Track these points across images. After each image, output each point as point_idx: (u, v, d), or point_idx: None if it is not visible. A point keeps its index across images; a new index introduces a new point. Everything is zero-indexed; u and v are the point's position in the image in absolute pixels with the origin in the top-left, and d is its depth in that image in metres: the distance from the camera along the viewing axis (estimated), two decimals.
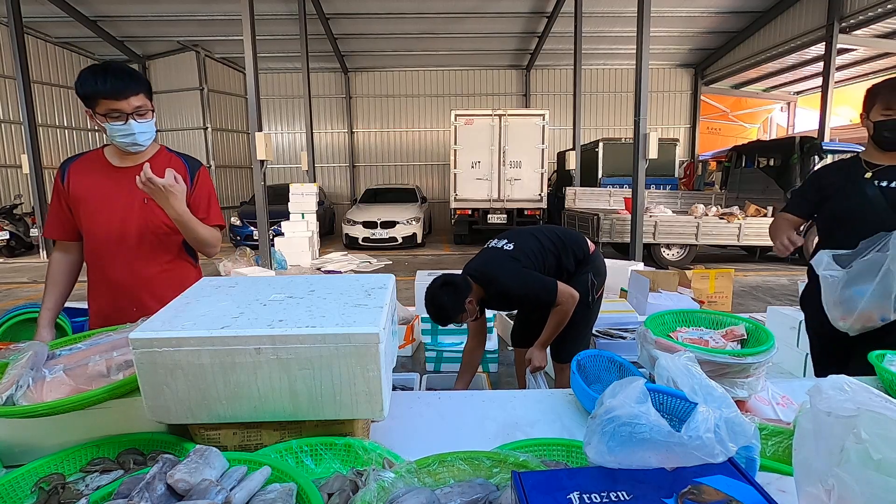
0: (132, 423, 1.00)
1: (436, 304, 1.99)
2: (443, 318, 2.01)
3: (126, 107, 1.55)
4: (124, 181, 1.62)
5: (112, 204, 1.63)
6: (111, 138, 1.59)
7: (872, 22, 9.66)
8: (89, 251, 1.68)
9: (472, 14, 11.75)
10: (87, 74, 1.54)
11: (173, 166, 1.63)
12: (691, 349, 1.12)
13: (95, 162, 1.67)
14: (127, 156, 1.66)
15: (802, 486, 0.70)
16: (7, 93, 11.34)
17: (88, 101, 1.55)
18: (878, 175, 1.72)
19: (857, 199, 1.73)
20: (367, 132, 15.26)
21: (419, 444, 1.03)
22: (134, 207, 1.63)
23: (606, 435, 0.68)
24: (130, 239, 1.64)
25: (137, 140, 1.59)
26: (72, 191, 1.64)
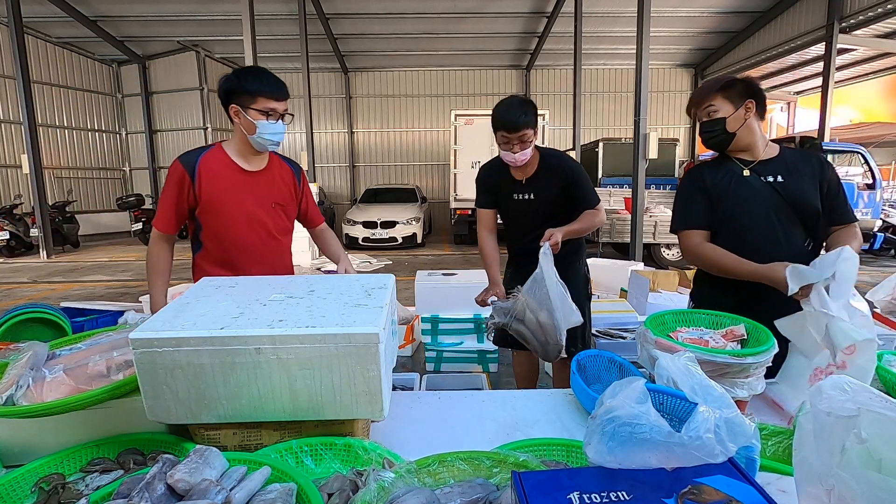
0: (132, 423, 1.00)
1: (515, 102, 1.96)
2: (516, 113, 1.92)
3: (280, 107, 1.64)
4: (255, 185, 1.72)
5: (246, 208, 1.70)
6: (258, 136, 1.64)
7: (872, 22, 9.66)
8: (219, 252, 1.73)
9: (472, 14, 11.76)
10: (247, 73, 1.63)
11: (283, 170, 1.81)
12: (691, 349, 1.12)
13: (223, 163, 1.70)
14: (252, 158, 1.73)
15: (803, 487, 0.70)
16: (7, 93, 11.35)
17: (246, 97, 1.60)
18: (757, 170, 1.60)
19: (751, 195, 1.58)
20: (367, 132, 15.26)
21: (419, 444, 1.03)
22: (264, 212, 1.73)
23: (606, 435, 0.68)
24: (260, 242, 1.74)
25: (277, 139, 1.67)
26: (203, 189, 1.66)
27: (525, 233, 2.16)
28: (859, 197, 8.05)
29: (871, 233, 8.00)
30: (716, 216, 1.63)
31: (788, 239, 1.55)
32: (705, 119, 1.62)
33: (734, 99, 1.57)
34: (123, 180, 14.45)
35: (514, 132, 1.92)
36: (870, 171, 8.14)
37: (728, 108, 1.58)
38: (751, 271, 1.48)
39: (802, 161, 1.60)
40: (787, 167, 1.59)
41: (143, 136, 13.94)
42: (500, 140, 1.99)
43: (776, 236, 1.55)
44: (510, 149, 1.97)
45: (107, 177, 14.05)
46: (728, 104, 1.58)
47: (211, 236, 1.73)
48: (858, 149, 8.26)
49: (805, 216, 1.56)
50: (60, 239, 10.91)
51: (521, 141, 1.94)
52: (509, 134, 1.93)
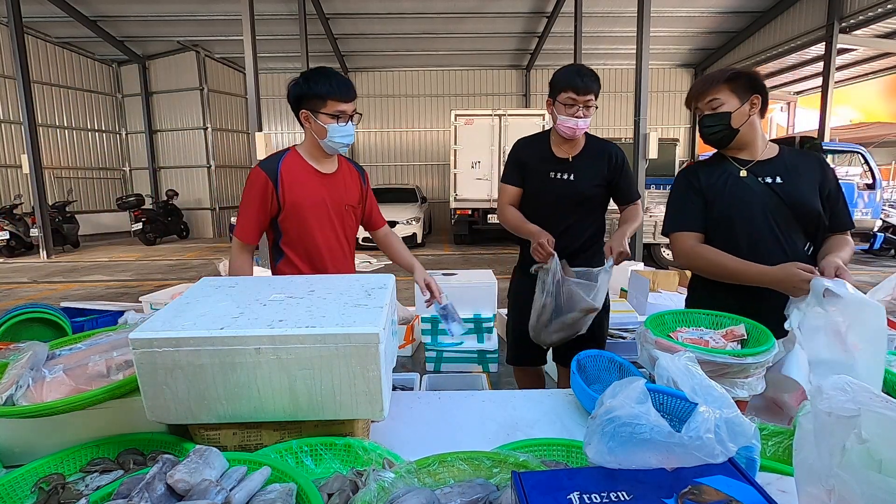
0: (132, 423, 1.00)
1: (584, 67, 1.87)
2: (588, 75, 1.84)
3: (350, 108, 1.63)
4: (331, 188, 1.73)
5: (326, 211, 1.72)
6: (329, 140, 1.63)
7: (872, 22, 9.66)
8: (301, 258, 1.73)
9: (472, 14, 11.75)
10: (316, 76, 1.59)
11: (351, 172, 1.82)
12: (691, 349, 1.12)
13: (301, 166, 1.70)
14: (324, 161, 1.73)
15: (803, 487, 0.70)
16: (7, 93, 11.35)
17: (316, 101, 1.60)
18: (754, 171, 1.54)
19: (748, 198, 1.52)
20: (367, 132, 15.26)
21: (419, 444, 1.03)
22: (339, 215, 1.75)
23: (606, 435, 0.68)
24: (338, 245, 1.77)
25: (348, 142, 1.66)
26: (287, 194, 1.65)
27: (551, 223, 1.91)
28: (859, 197, 8.05)
29: (871, 233, 8.00)
30: (710, 218, 1.55)
31: (787, 243, 1.49)
32: (708, 113, 1.52)
33: (740, 92, 1.49)
34: (123, 180, 14.45)
35: (583, 94, 1.82)
36: (870, 171, 8.14)
37: (733, 102, 1.49)
38: (755, 274, 1.39)
39: (802, 162, 1.54)
40: (787, 168, 1.52)
41: (143, 136, 13.93)
42: (565, 102, 1.84)
43: (774, 240, 1.49)
44: (574, 113, 1.84)
45: (107, 177, 14.05)
46: (734, 98, 1.49)
47: (293, 243, 1.72)
48: (858, 149, 8.26)
49: (805, 219, 1.50)
50: (60, 239, 10.91)
51: (585, 107, 1.83)
52: (578, 96, 1.82)
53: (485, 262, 8.76)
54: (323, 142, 1.65)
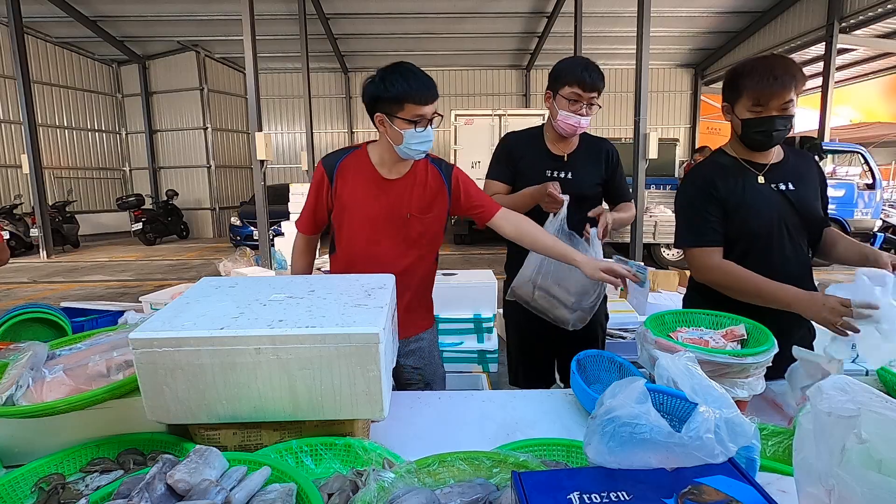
0: (132, 423, 1.00)
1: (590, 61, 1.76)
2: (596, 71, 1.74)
3: (430, 111, 1.46)
4: (392, 194, 1.57)
5: (377, 218, 1.57)
6: (405, 146, 1.48)
7: (872, 22, 9.66)
8: (345, 259, 1.64)
9: (472, 14, 11.75)
10: (393, 74, 1.45)
11: (429, 175, 1.61)
12: (691, 349, 1.12)
13: (364, 169, 1.59)
14: (394, 165, 1.58)
15: (803, 487, 0.70)
16: (7, 93, 11.35)
17: (393, 104, 1.45)
18: (768, 177, 1.47)
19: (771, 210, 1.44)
20: (368, 132, 15.24)
21: (419, 444, 1.03)
22: (396, 223, 1.58)
23: (606, 435, 0.68)
24: (390, 252, 1.59)
25: (427, 147, 1.51)
26: (338, 193, 1.58)
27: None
28: (859, 197, 8.05)
29: (871, 233, 8.00)
30: (728, 229, 1.46)
31: (796, 252, 1.46)
32: (779, 114, 1.36)
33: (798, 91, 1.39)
34: (123, 180, 14.44)
35: (589, 91, 1.72)
36: (870, 171, 8.14)
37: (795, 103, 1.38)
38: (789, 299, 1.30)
39: (804, 164, 1.52)
40: (795, 173, 1.48)
41: (143, 136, 13.93)
42: (569, 97, 1.74)
43: (785, 249, 1.45)
44: (577, 110, 1.74)
45: (107, 177, 14.05)
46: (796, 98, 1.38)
47: (342, 242, 1.66)
48: (858, 149, 8.26)
49: (812, 226, 1.48)
50: (60, 239, 10.91)
51: (589, 104, 1.75)
52: (584, 92, 1.72)
53: (485, 262, 8.76)
54: (398, 147, 1.50)
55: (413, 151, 1.50)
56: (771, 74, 1.34)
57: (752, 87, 1.37)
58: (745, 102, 1.40)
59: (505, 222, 1.64)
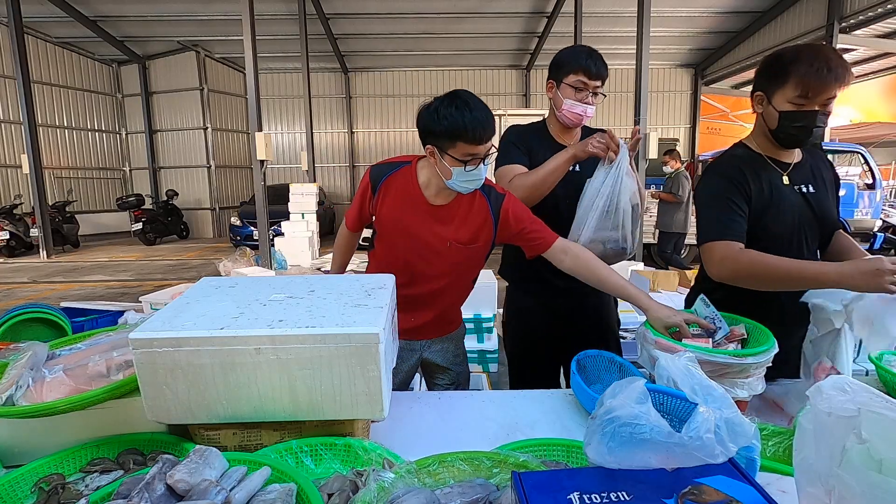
0: (132, 423, 1.00)
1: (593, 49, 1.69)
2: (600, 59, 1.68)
3: (483, 150, 1.37)
4: (434, 220, 1.51)
5: (417, 241, 1.52)
6: (453, 182, 1.40)
7: (872, 22, 9.66)
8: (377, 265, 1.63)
9: (472, 14, 11.75)
10: (448, 107, 1.33)
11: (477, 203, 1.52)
12: (691, 349, 1.12)
13: (409, 188, 1.52)
14: (440, 192, 1.49)
15: (803, 487, 0.70)
16: (7, 93, 11.35)
17: (444, 140, 1.35)
18: (791, 177, 1.42)
19: (789, 210, 1.38)
20: (367, 132, 15.25)
21: (419, 444, 1.03)
22: (435, 249, 1.52)
23: (606, 435, 0.68)
24: (427, 272, 1.56)
25: (479, 186, 1.45)
26: (379, 208, 1.54)
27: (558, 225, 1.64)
28: (859, 197, 8.05)
29: (872, 233, 8.00)
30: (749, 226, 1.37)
31: (810, 253, 1.44)
32: (821, 110, 1.28)
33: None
34: (123, 180, 14.45)
35: (594, 79, 1.66)
36: (870, 171, 8.15)
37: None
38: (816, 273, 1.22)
39: (823, 166, 1.48)
40: (814, 174, 1.43)
41: (143, 136, 13.93)
42: (575, 85, 1.67)
43: (803, 252, 1.41)
44: (583, 98, 1.68)
45: (107, 177, 14.05)
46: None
47: (380, 248, 1.64)
48: (858, 149, 8.26)
49: (827, 229, 1.45)
50: (60, 239, 10.91)
51: (594, 93, 1.69)
52: (589, 80, 1.66)
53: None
54: (447, 181, 1.42)
55: (461, 188, 1.43)
56: (826, 65, 1.22)
57: (802, 75, 1.24)
58: (789, 92, 1.27)
59: (564, 255, 1.49)
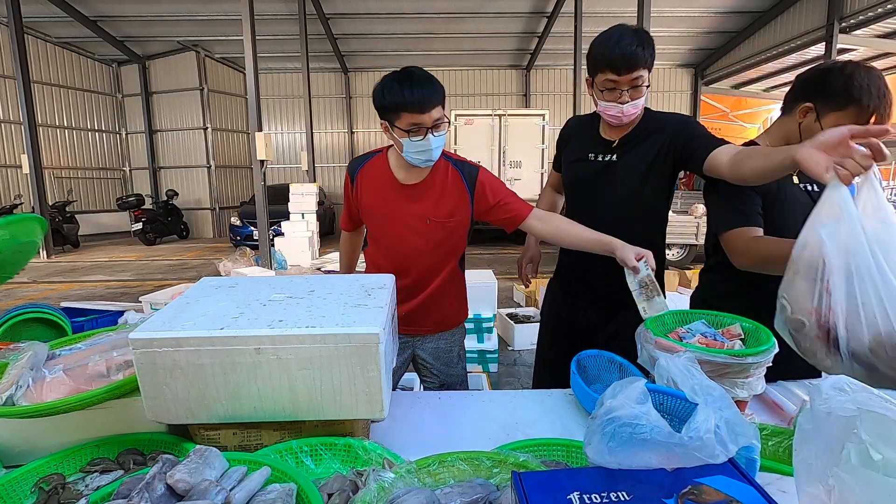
0: (132, 423, 1.00)
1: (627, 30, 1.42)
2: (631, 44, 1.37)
3: (427, 120, 1.41)
4: (409, 199, 1.56)
5: (397, 222, 1.58)
6: (406, 154, 1.47)
7: (872, 22, 9.67)
8: (379, 256, 1.68)
9: (472, 14, 11.76)
10: (391, 82, 1.40)
11: (450, 177, 1.57)
12: (692, 349, 1.12)
13: (382, 173, 1.59)
14: (411, 170, 1.55)
15: (803, 487, 0.70)
16: (7, 93, 11.35)
17: (390, 113, 1.42)
18: (800, 176, 1.41)
19: (795, 206, 1.39)
20: (367, 132, 15.25)
21: (419, 444, 1.03)
22: (415, 228, 1.57)
23: (607, 435, 0.68)
24: (413, 255, 1.60)
25: (433, 157, 1.47)
26: (360, 198, 1.63)
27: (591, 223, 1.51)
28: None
29: None
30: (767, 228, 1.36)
31: None
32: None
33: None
34: (123, 180, 14.45)
35: (625, 73, 1.37)
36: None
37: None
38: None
39: None
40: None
41: (143, 136, 13.94)
42: (603, 86, 1.43)
43: None
44: (617, 98, 1.43)
45: (107, 177, 14.06)
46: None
47: (370, 241, 1.73)
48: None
49: None
50: (60, 239, 10.91)
51: (632, 86, 1.40)
52: (618, 76, 1.38)
53: (485, 262, 8.76)
54: (402, 154, 1.49)
55: (414, 160, 1.47)
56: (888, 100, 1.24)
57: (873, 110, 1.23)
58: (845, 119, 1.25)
59: (538, 222, 1.53)
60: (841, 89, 1.26)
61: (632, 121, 1.52)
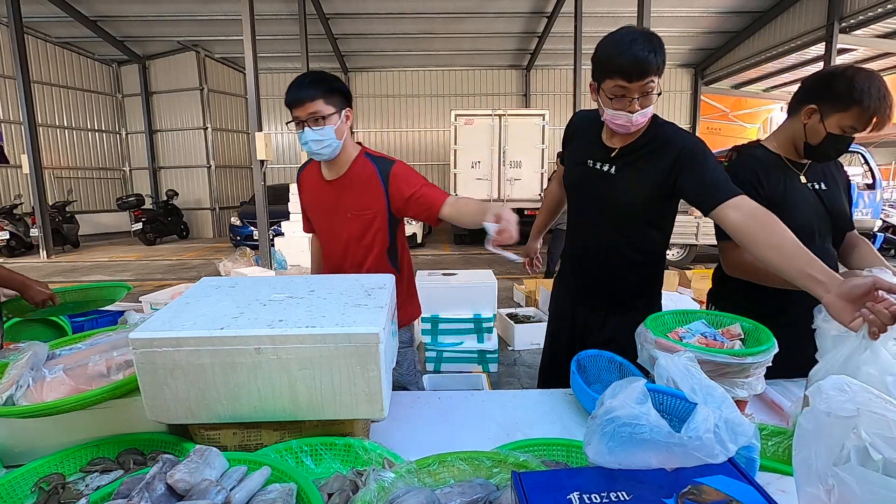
0: (132, 423, 1.00)
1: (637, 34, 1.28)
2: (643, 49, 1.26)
3: (301, 114, 1.52)
4: (332, 196, 1.68)
5: (326, 217, 1.72)
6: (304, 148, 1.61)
7: (872, 22, 9.66)
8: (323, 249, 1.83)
9: (472, 14, 11.75)
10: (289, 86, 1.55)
11: (367, 172, 1.64)
12: (692, 349, 1.12)
13: (314, 172, 1.73)
14: (330, 166, 1.67)
15: (802, 487, 0.70)
16: (7, 93, 11.35)
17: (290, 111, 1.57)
18: (807, 176, 1.48)
19: (802, 205, 1.43)
20: (367, 132, 15.25)
21: (419, 444, 1.03)
22: (342, 221, 1.69)
23: (606, 435, 0.68)
24: (341, 248, 1.72)
25: (312, 149, 1.56)
26: (302, 197, 1.80)
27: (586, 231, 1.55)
28: (859, 197, 8.05)
29: (871, 233, 8.01)
30: None
31: (824, 251, 1.46)
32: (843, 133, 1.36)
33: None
34: (123, 180, 14.45)
35: (636, 79, 1.28)
36: (870, 171, 8.14)
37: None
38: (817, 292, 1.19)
39: (833, 165, 1.54)
40: (826, 173, 1.50)
41: (143, 136, 13.93)
42: (613, 93, 1.33)
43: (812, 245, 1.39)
44: (625, 106, 1.33)
45: (107, 177, 14.05)
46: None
47: (317, 234, 1.86)
48: (858, 149, 8.25)
49: (839, 225, 1.50)
50: (60, 239, 10.91)
51: (642, 93, 1.32)
52: (629, 83, 1.29)
53: (485, 262, 8.76)
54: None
55: (308, 152, 1.59)
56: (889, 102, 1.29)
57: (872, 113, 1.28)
58: (847, 120, 1.31)
59: (448, 208, 1.56)
60: (843, 92, 1.30)
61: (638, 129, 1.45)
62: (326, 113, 1.52)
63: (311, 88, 1.51)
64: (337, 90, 1.55)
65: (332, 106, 1.53)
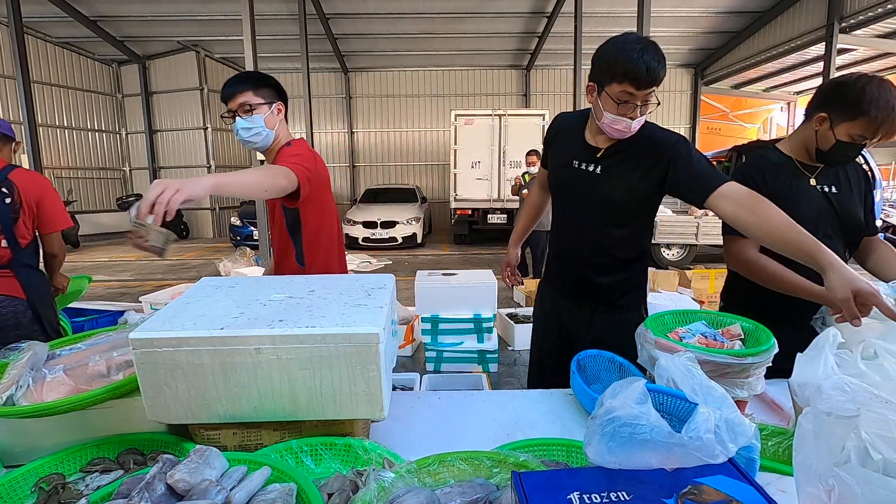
0: (132, 423, 1.00)
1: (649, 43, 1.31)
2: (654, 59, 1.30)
3: (233, 105, 1.63)
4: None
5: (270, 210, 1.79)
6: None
7: (872, 22, 9.66)
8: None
9: (472, 14, 11.75)
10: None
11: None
12: (692, 349, 1.12)
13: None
14: (268, 157, 1.73)
15: (803, 487, 0.70)
16: (7, 93, 11.35)
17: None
18: (818, 179, 1.50)
19: (813, 211, 1.45)
20: (367, 132, 15.25)
21: (419, 444, 1.03)
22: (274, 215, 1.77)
23: (606, 435, 0.68)
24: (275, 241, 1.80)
25: (242, 136, 1.65)
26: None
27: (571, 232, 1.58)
28: None
29: None
30: None
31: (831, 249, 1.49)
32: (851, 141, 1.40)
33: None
34: (123, 180, 14.45)
35: (644, 87, 1.31)
36: (870, 171, 8.14)
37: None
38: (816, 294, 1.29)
39: (851, 169, 1.55)
40: (840, 176, 1.52)
41: (143, 136, 13.93)
42: (619, 97, 1.34)
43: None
44: (628, 112, 1.35)
45: (107, 177, 14.05)
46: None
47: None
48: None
49: (850, 229, 1.51)
50: None
51: (644, 101, 1.36)
52: (637, 90, 1.31)
53: (485, 262, 8.76)
54: None
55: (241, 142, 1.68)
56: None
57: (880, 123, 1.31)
58: (856, 129, 1.35)
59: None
60: (853, 102, 1.34)
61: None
62: (255, 103, 1.62)
63: (242, 83, 1.62)
64: (268, 84, 1.66)
65: (262, 98, 1.63)
